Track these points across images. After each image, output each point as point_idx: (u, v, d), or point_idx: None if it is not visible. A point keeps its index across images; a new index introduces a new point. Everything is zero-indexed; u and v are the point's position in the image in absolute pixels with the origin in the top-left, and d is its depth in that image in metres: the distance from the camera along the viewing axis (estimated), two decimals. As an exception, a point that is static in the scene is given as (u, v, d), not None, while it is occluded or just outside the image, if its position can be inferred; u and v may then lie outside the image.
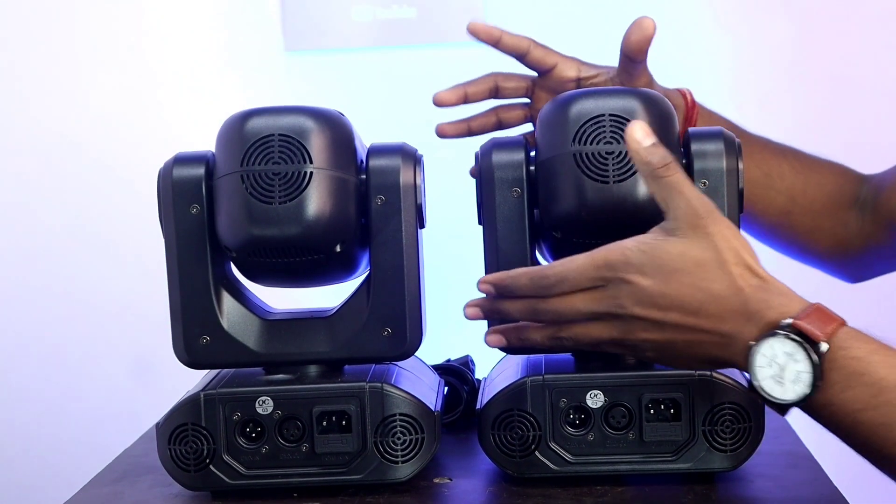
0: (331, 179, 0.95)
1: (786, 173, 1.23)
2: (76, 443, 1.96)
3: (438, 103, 1.17)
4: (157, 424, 0.99)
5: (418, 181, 0.99)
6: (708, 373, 0.96)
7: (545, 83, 1.17)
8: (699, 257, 0.85)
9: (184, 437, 0.98)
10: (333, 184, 0.95)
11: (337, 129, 0.97)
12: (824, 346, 0.82)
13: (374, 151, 0.99)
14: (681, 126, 1.14)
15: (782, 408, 0.84)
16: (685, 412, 0.96)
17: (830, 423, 0.84)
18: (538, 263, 1.01)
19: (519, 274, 0.90)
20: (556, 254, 1.02)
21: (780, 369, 0.82)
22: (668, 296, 0.85)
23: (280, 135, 0.95)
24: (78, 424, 1.98)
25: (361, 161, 0.99)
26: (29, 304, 1.99)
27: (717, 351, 0.86)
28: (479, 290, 0.92)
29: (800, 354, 0.82)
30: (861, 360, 0.82)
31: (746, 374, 0.85)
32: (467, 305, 0.93)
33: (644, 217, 0.95)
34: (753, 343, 0.83)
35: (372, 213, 0.98)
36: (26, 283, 1.99)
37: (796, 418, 1.15)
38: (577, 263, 0.87)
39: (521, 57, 1.16)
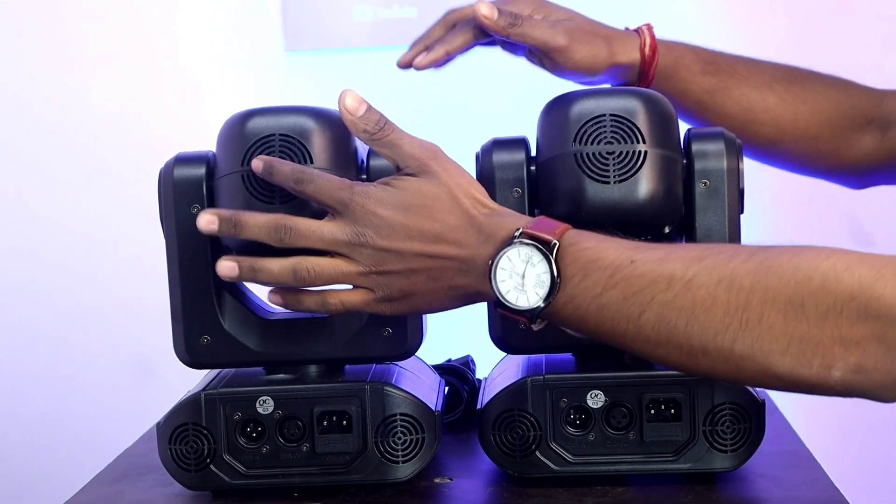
0: (331, 179, 0.95)
1: (771, 106, 1.23)
2: (77, 442, 1.96)
3: (418, 66, 1.19)
4: (158, 424, 0.99)
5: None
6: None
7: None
8: (432, 192, 0.88)
9: (184, 436, 0.98)
10: (334, 184, 0.95)
11: (338, 129, 0.97)
12: (555, 244, 0.84)
13: (375, 151, 0.99)
14: (640, 61, 1.18)
15: (530, 316, 0.86)
16: (686, 412, 0.96)
17: (576, 317, 0.85)
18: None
19: (286, 161, 0.91)
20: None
21: (520, 278, 0.85)
22: (407, 226, 0.87)
23: (281, 135, 0.95)
24: (79, 424, 1.98)
25: (362, 161, 0.99)
26: (30, 303, 1.99)
27: (460, 278, 0.87)
28: (253, 167, 0.90)
29: (536, 257, 0.84)
30: (592, 250, 0.84)
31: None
32: (204, 212, 0.90)
33: (645, 217, 0.95)
34: (491, 260, 0.85)
35: (372, 213, 0.98)
36: (28, 283, 1.99)
37: (797, 418, 1.16)
38: (330, 177, 0.89)
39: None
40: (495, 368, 1.12)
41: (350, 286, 0.90)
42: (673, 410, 0.97)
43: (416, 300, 0.90)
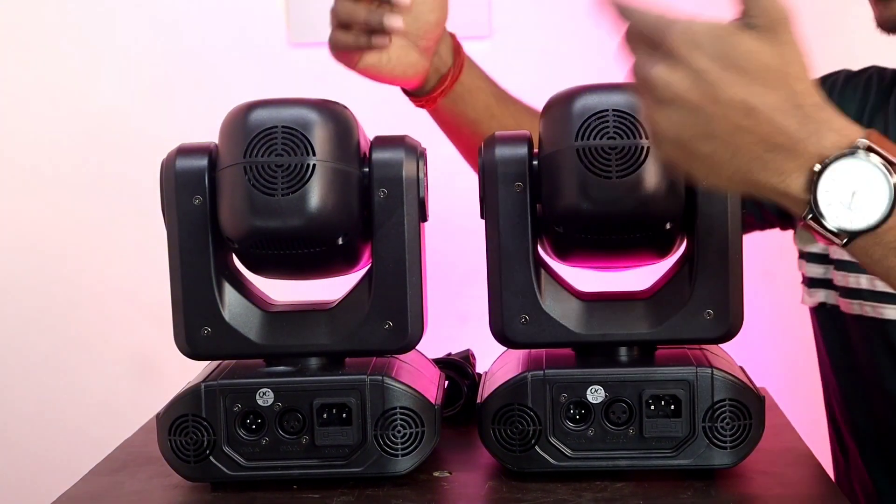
0: (334, 172, 0.95)
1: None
2: (76, 433, 1.96)
3: None
4: (158, 415, 0.99)
5: (421, 174, 0.99)
6: (709, 369, 0.96)
7: None
8: (766, 61, 0.77)
9: (184, 428, 0.98)
10: (336, 176, 0.95)
11: (340, 122, 0.97)
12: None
13: (378, 144, 0.99)
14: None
15: (843, 238, 0.78)
16: (685, 408, 0.96)
17: (891, 250, 0.78)
18: (540, 259, 1.01)
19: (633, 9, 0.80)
20: (559, 249, 1.02)
21: (851, 195, 0.77)
22: (721, 87, 0.76)
23: (283, 127, 0.95)
24: (78, 415, 1.98)
25: (364, 154, 0.99)
26: (30, 295, 1.99)
27: (758, 166, 0.77)
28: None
29: (880, 178, 0.77)
30: None
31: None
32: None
33: (647, 212, 0.95)
34: (824, 161, 0.76)
35: (375, 205, 0.98)
36: (28, 274, 1.99)
37: (796, 415, 1.16)
38: (652, 12, 0.79)
39: None
40: (495, 363, 1.12)
41: None
42: (673, 406, 0.97)
43: (697, 166, 0.79)
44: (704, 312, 0.98)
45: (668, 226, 0.97)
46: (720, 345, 1.02)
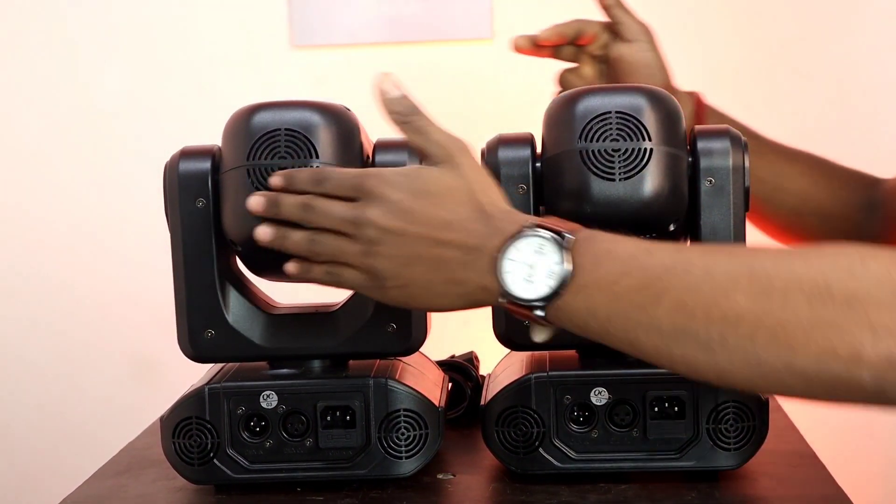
0: (337, 174, 0.95)
1: (796, 176, 1.26)
2: (80, 435, 1.96)
3: (516, 49, 1.31)
4: (162, 418, 0.99)
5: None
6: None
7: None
8: (450, 183, 0.86)
9: (188, 430, 0.98)
10: (339, 179, 0.95)
11: (343, 124, 0.97)
12: (570, 236, 0.82)
13: (381, 146, 0.99)
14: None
15: (538, 308, 0.83)
16: (689, 410, 0.96)
17: (585, 310, 0.81)
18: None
19: (302, 169, 0.91)
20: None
21: (529, 268, 0.82)
22: (416, 211, 0.85)
23: (286, 129, 0.95)
24: (81, 417, 1.98)
25: (367, 156, 0.99)
26: (33, 297, 1.99)
27: (462, 271, 0.84)
28: (271, 183, 0.91)
29: (548, 246, 0.82)
30: (607, 241, 0.82)
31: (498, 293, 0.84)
32: (254, 194, 0.91)
33: (650, 214, 0.95)
34: (498, 251, 0.83)
35: (378, 208, 0.98)
36: (31, 276, 1.99)
37: (800, 418, 1.16)
38: (346, 170, 0.89)
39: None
40: (499, 365, 1.12)
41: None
42: (676, 408, 0.97)
43: (413, 291, 0.87)
44: None
45: (671, 227, 0.97)
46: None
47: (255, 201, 0.90)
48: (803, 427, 1.12)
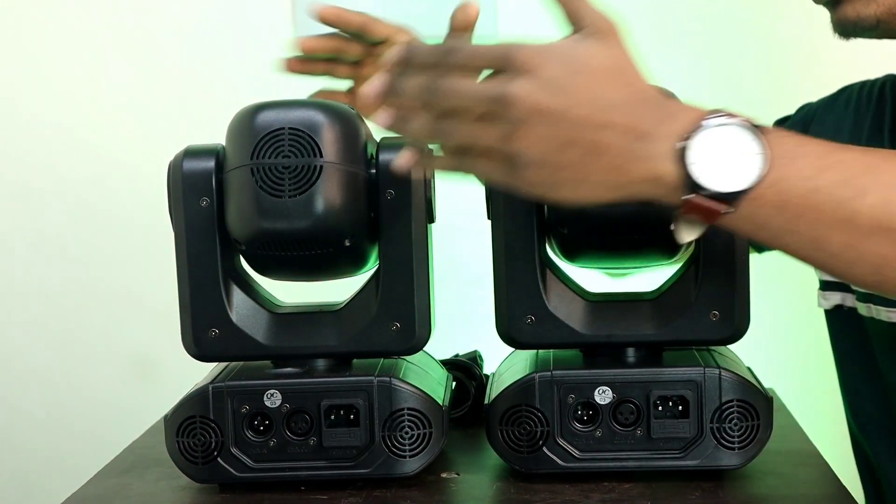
0: (341, 173, 0.95)
1: None
2: (83, 434, 1.96)
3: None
4: (166, 417, 1.00)
5: (428, 176, 0.99)
6: (716, 370, 0.96)
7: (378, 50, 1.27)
8: (610, 59, 0.77)
9: (192, 429, 0.98)
10: (343, 178, 0.95)
11: (347, 123, 0.97)
12: (764, 126, 0.77)
13: (384, 145, 0.99)
14: None
15: (729, 200, 0.77)
16: (693, 409, 0.96)
17: (777, 204, 0.77)
18: (546, 259, 1.01)
19: (424, 44, 0.79)
20: (565, 250, 1.02)
21: (721, 158, 0.76)
22: (575, 89, 0.75)
23: (290, 128, 0.95)
24: (85, 416, 1.98)
25: (371, 155, 0.99)
26: (37, 295, 1.99)
27: (627, 158, 0.76)
28: (388, 59, 0.80)
29: (745, 135, 0.76)
30: (795, 136, 0.79)
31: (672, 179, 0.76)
32: (368, 83, 0.81)
33: (651, 214, 0.94)
34: (686, 136, 0.76)
35: (381, 207, 0.98)
36: (35, 274, 1.99)
37: (804, 416, 1.16)
38: (481, 44, 0.78)
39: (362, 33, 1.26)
40: (503, 364, 1.11)
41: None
42: (680, 407, 0.97)
43: (560, 179, 0.77)
44: (710, 314, 0.98)
45: (672, 227, 0.97)
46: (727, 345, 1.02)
47: (368, 88, 0.79)
48: (807, 426, 1.12)
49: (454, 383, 1.16)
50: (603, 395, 0.97)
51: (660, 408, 0.97)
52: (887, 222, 0.76)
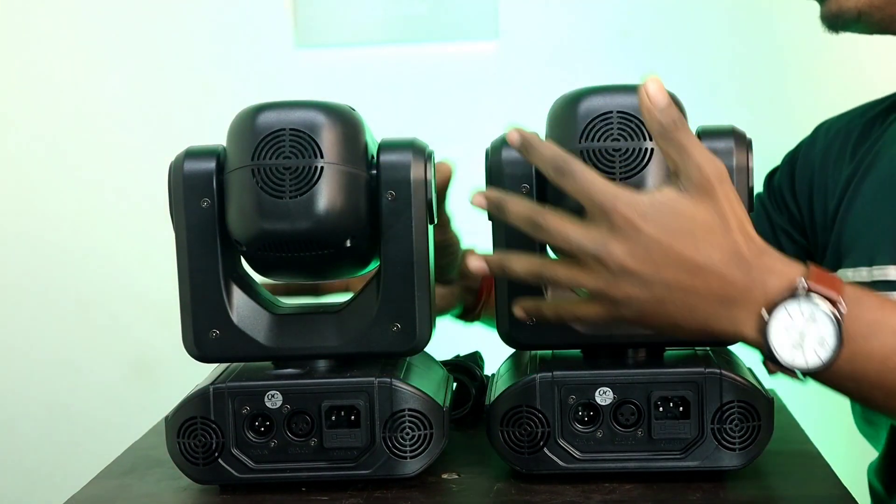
0: (341, 174, 0.95)
1: None
2: (84, 436, 1.96)
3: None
4: (166, 418, 1.00)
5: (429, 177, 0.99)
6: (717, 371, 0.96)
7: None
8: (707, 220, 0.82)
9: (193, 430, 0.98)
10: (344, 179, 0.95)
11: (348, 124, 0.97)
12: (843, 305, 0.81)
13: (385, 147, 0.99)
14: None
15: (805, 375, 0.83)
16: (694, 410, 0.96)
17: (854, 376, 0.82)
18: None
19: (543, 148, 0.85)
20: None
21: (799, 335, 0.81)
22: (668, 254, 0.81)
23: (291, 129, 0.95)
24: (86, 417, 1.99)
25: (372, 156, 0.99)
26: (36, 297, 1.99)
27: (714, 319, 0.83)
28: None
29: (820, 315, 0.81)
30: (874, 311, 0.82)
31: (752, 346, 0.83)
32: (477, 192, 0.87)
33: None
34: (769, 310, 0.81)
35: (382, 208, 0.98)
36: (36, 277, 1.99)
37: (805, 417, 1.16)
38: (592, 176, 0.83)
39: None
40: (503, 364, 1.11)
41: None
42: (681, 408, 0.97)
43: (662, 326, 0.85)
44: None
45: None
46: (729, 346, 1.01)
47: (478, 199, 0.86)
48: (808, 427, 1.12)
49: (455, 384, 1.16)
50: (604, 396, 0.97)
51: (661, 408, 0.97)
52: None
